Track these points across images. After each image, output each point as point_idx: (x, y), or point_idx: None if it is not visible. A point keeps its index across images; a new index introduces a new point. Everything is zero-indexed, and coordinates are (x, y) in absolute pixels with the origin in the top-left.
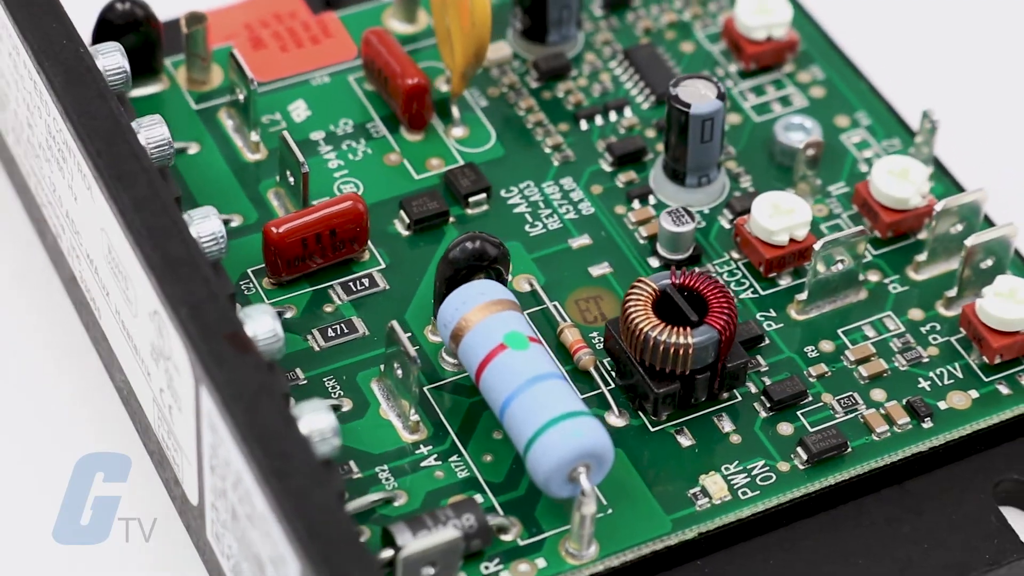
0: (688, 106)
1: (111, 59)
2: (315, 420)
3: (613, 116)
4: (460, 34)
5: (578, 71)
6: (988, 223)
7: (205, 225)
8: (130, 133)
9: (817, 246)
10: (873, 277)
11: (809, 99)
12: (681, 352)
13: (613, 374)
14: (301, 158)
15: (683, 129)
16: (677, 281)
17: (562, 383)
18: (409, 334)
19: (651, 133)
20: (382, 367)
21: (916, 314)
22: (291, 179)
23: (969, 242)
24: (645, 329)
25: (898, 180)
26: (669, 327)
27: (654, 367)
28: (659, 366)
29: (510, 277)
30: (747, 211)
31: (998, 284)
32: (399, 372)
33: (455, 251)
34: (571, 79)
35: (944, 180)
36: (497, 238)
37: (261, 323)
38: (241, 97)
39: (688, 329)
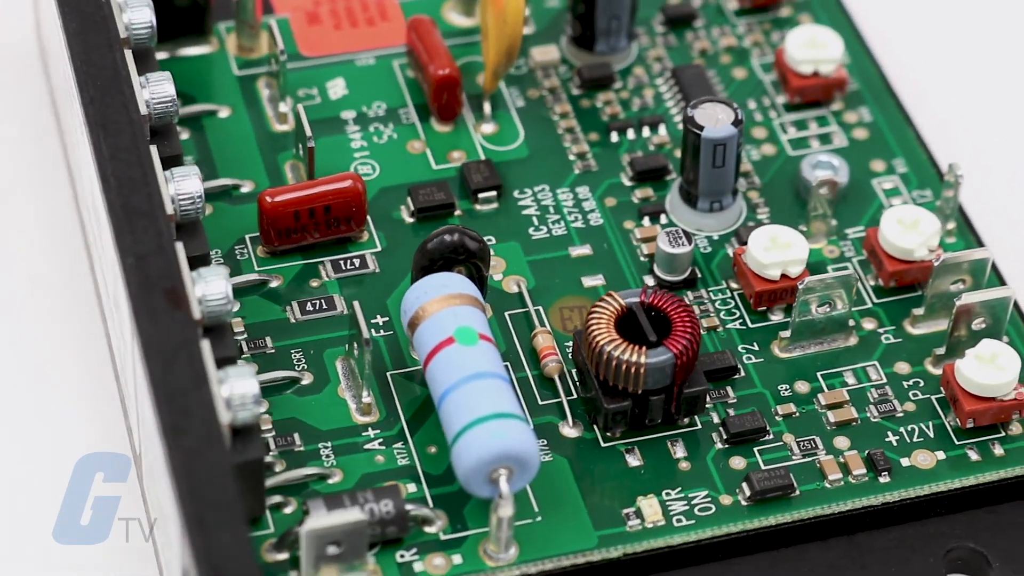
0: (701, 128)
1: (139, 14)
2: (238, 385)
3: (646, 132)
4: (494, 31)
5: (623, 83)
6: (1000, 283)
7: (184, 184)
8: (128, 85)
9: (801, 285)
10: (868, 325)
11: (850, 139)
12: (634, 370)
13: (578, 385)
14: (308, 133)
15: (696, 152)
16: (646, 300)
17: (502, 384)
18: (386, 319)
19: (679, 153)
20: (346, 347)
21: (903, 368)
22: (300, 152)
23: (960, 301)
24: (602, 343)
25: (907, 230)
26: (626, 344)
27: (607, 382)
28: (612, 382)
29: (500, 277)
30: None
31: (981, 347)
32: (357, 353)
33: (433, 242)
34: (613, 90)
35: (967, 236)
36: (478, 234)
37: (213, 285)
38: (275, 68)
39: (644, 348)
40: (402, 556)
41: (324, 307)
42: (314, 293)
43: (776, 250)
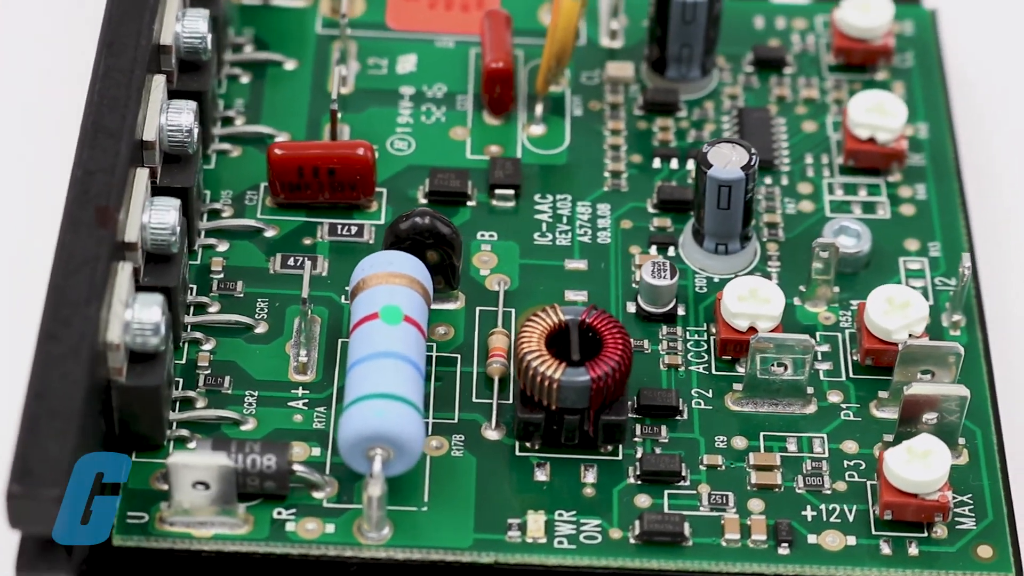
0: (709, 167)
1: None
2: (141, 312)
3: (690, 164)
4: (548, 35)
5: (687, 113)
6: (989, 387)
7: (177, 117)
8: (148, 14)
9: (752, 339)
10: (834, 398)
11: (893, 213)
12: (547, 385)
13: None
14: (334, 96)
15: (704, 190)
16: (587, 320)
17: (407, 368)
18: None
19: None
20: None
21: (850, 447)
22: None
23: (908, 390)
24: (525, 351)
25: (893, 311)
26: (548, 357)
27: (526, 392)
28: (529, 392)
29: (487, 273)
30: None
31: (917, 441)
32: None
33: (404, 222)
34: (674, 118)
35: (974, 332)
36: (451, 221)
37: (160, 215)
38: (348, 31)
39: (564, 365)
40: (279, 513)
41: (302, 264)
42: (302, 250)
43: (751, 301)
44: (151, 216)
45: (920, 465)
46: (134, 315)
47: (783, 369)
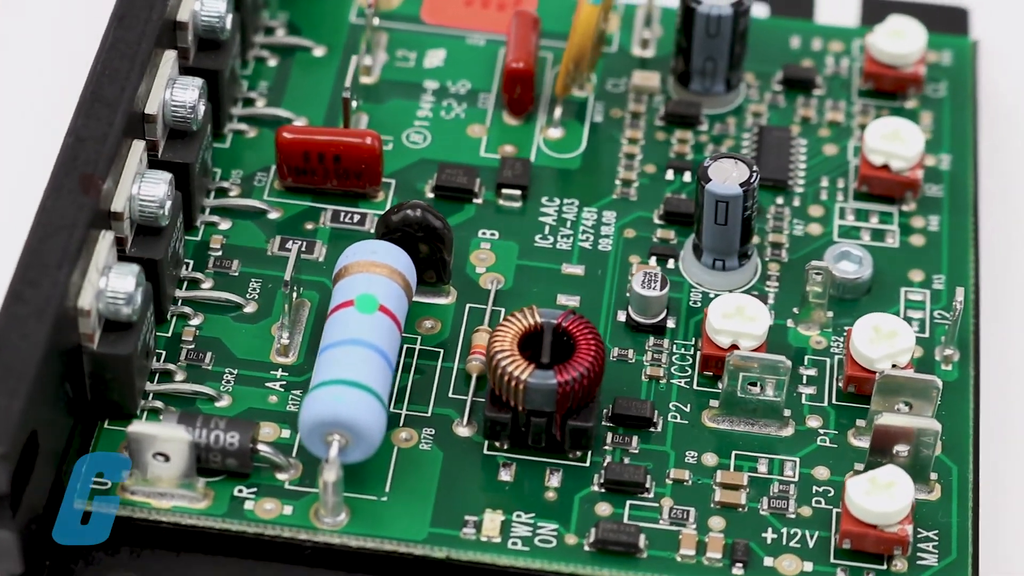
0: (707, 181)
1: None
2: (115, 281)
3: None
4: (569, 39)
5: (708, 128)
6: (973, 424)
7: (182, 93)
8: None
9: (729, 357)
10: (813, 423)
11: (902, 242)
12: (514, 385)
13: None
14: (347, 84)
15: (703, 204)
16: (563, 324)
17: (375, 358)
18: None
19: None
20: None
21: (822, 473)
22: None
23: (878, 420)
24: (496, 350)
25: (879, 339)
26: (517, 357)
27: (495, 390)
28: (498, 391)
29: (483, 270)
30: None
31: (882, 472)
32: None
33: (396, 214)
34: (694, 131)
35: (967, 368)
36: (443, 216)
37: (151, 188)
38: (376, 22)
39: (533, 367)
40: (240, 491)
41: (303, 249)
42: (303, 234)
43: (737, 319)
44: (140, 188)
45: (882, 496)
46: (108, 283)
47: (759, 389)
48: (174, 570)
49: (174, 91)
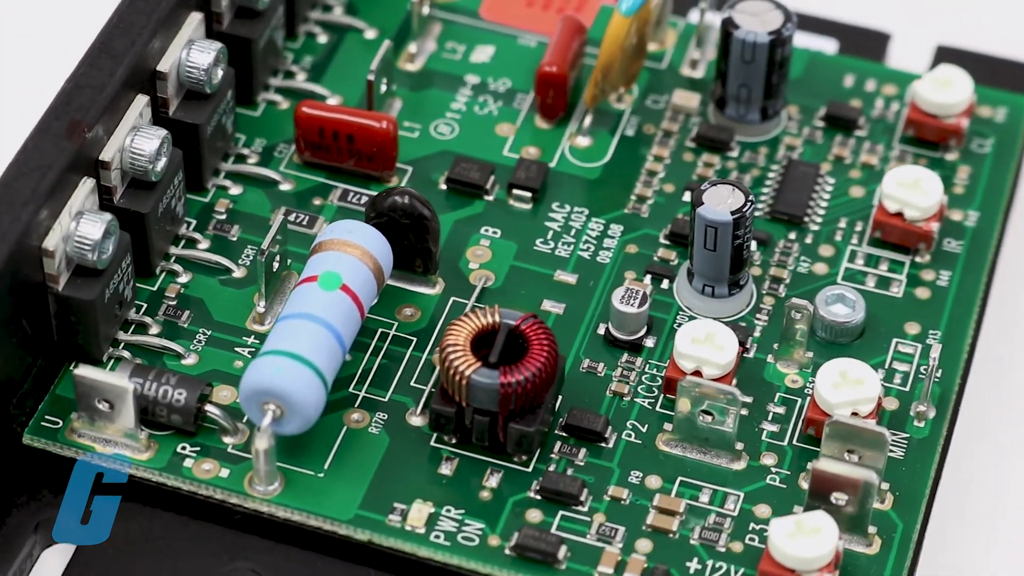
0: (700, 204)
1: None
2: (84, 226)
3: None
4: (600, 49)
5: (737, 154)
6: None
7: (198, 56)
8: None
9: (681, 381)
10: (768, 460)
11: (906, 293)
12: (459, 379)
13: None
14: (373, 68)
15: (694, 227)
16: (521, 326)
17: (326, 335)
18: None
19: None
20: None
21: (762, 511)
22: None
23: (814, 464)
24: (447, 343)
25: (843, 385)
26: (466, 353)
27: (443, 384)
28: (445, 385)
29: (475, 266)
30: None
31: (809, 517)
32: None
33: (385, 198)
34: (722, 156)
35: (940, 427)
36: (431, 206)
37: (141, 142)
38: (425, 10)
39: (479, 364)
40: (183, 448)
41: (305, 224)
42: (308, 209)
43: (703, 345)
44: (133, 141)
45: (806, 541)
46: (76, 228)
47: (709, 417)
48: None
49: (191, 52)
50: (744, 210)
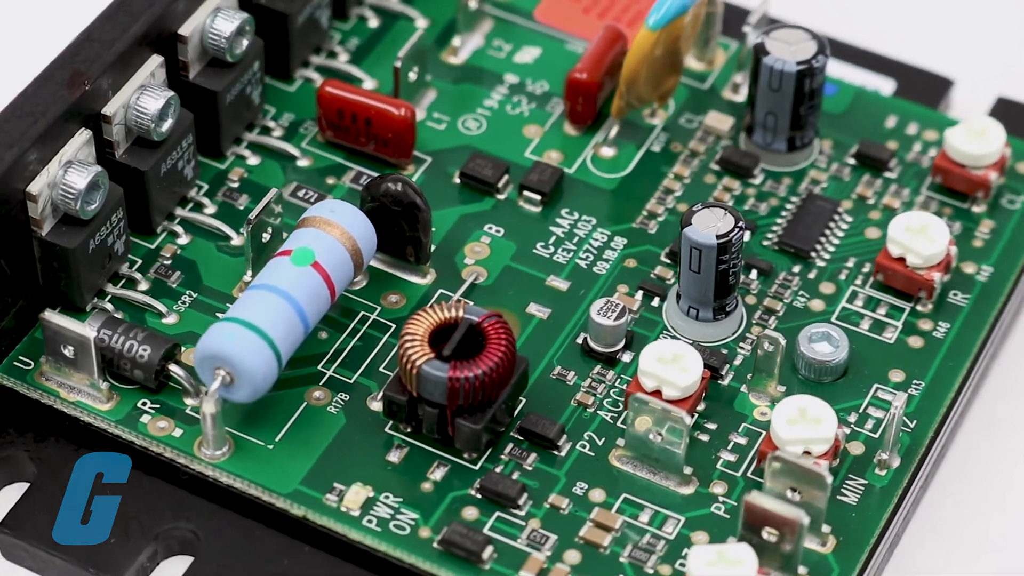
0: (687, 225)
1: None
2: (70, 175)
3: None
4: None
5: (759, 182)
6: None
7: (222, 24)
8: None
9: (631, 397)
10: (717, 488)
11: (899, 340)
12: (410, 368)
13: None
14: (401, 55)
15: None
16: (483, 324)
17: (286, 308)
18: None
19: None
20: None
21: (699, 538)
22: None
23: (747, 496)
24: (405, 331)
25: (803, 422)
26: (421, 343)
27: (399, 372)
28: (400, 373)
29: (471, 261)
30: None
31: (731, 548)
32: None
33: (379, 184)
34: (743, 182)
35: (903, 474)
36: (424, 196)
37: (146, 100)
38: (473, 4)
39: (432, 355)
40: (143, 404)
41: (311, 201)
42: (320, 187)
43: (669, 366)
44: (138, 98)
45: (723, 572)
46: (63, 176)
47: (657, 437)
48: (68, 462)
49: (216, 19)
50: (731, 235)
